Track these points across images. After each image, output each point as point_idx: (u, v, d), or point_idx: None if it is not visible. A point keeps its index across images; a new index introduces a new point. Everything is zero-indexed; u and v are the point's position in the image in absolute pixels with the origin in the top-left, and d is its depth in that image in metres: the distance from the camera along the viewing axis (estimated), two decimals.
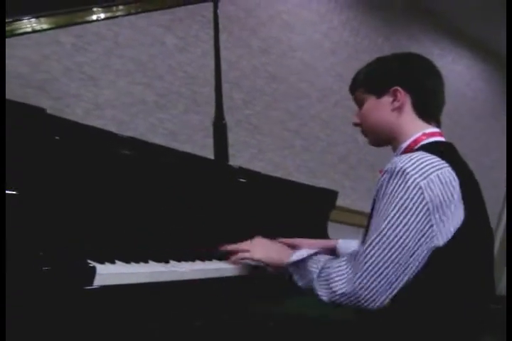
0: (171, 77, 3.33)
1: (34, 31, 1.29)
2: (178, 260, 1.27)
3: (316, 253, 1.27)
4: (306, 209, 2.07)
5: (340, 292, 1.12)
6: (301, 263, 1.25)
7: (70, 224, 1.09)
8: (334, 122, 4.15)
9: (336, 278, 1.14)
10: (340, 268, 1.15)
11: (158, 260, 1.21)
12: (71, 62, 2.93)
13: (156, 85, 3.27)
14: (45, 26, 1.32)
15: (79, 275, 0.98)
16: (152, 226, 1.33)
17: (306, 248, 1.36)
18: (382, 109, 1.34)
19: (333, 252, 1.67)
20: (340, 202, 4.05)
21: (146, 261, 1.18)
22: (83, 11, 1.41)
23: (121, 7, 1.50)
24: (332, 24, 4.07)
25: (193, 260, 1.32)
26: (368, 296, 1.10)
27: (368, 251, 1.12)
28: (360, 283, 1.10)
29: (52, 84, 2.86)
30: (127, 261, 1.13)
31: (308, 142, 4.12)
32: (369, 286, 1.10)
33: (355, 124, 1.44)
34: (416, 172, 1.12)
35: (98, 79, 3.04)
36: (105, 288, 1.02)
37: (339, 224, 3.58)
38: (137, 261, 1.15)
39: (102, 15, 1.44)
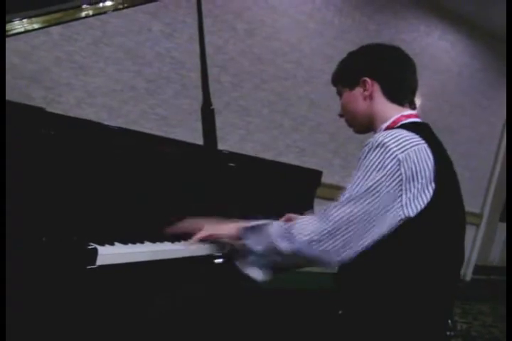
0: (160, 63, 3.40)
1: (26, 31, 1.38)
2: (172, 240, 1.38)
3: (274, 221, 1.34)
4: (292, 189, 2.18)
5: (302, 240, 1.20)
6: (260, 226, 1.32)
7: (72, 211, 1.20)
8: (323, 102, 4.23)
9: (301, 229, 1.22)
10: (307, 220, 1.24)
11: (153, 241, 1.33)
12: (61, 52, 3.00)
13: (145, 72, 3.34)
14: (36, 26, 1.40)
15: (83, 256, 1.10)
16: (147, 210, 1.43)
17: None
18: (355, 99, 1.46)
19: None
20: (329, 179, 4.19)
21: (142, 242, 1.29)
22: (73, 9, 1.49)
23: (108, 3, 1.58)
24: (315, 5, 4.13)
25: (185, 240, 1.43)
26: (328, 249, 1.19)
27: (337, 208, 1.21)
28: (322, 236, 1.19)
29: (44, 74, 2.93)
30: (125, 243, 1.24)
31: (297, 122, 4.21)
32: (330, 240, 1.19)
33: (340, 116, 1.56)
34: (395, 146, 1.22)
35: (88, 67, 3.11)
36: (106, 267, 1.13)
37: (329, 201, 3.69)
38: (134, 242, 1.27)
39: (91, 12, 1.52)
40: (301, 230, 1.22)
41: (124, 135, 1.48)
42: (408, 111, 1.42)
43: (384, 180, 1.21)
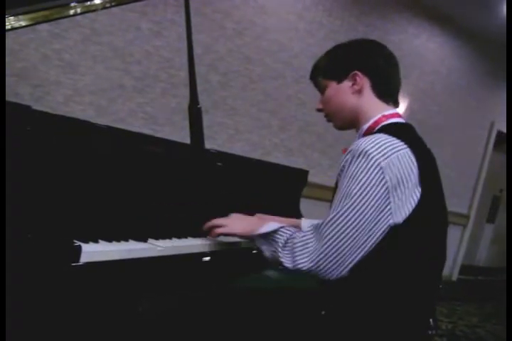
0: (148, 62, 3.40)
1: (13, 28, 1.38)
2: (156, 238, 1.39)
3: (283, 227, 1.36)
4: (279, 188, 2.19)
5: (302, 261, 1.22)
6: (270, 233, 1.34)
7: (56, 208, 1.20)
8: (311, 102, 4.23)
9: (300, 249, 1.23)
10: (306, 239, 1.24)
11: (137, 238, 1.33)
12: (48, 50, 2.99)
13: (133, 70, 3.33)
14: (23, 23, 1.40)
15: (67, 254, 1.10)
16: (132, 208, 1.44)
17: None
18: (343, 93, 1.44)
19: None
20: (317, 179, 4.21)
21: (126, 240, 1.30)
22: (61, 7, 1.49)
23: (97, 1, 1.58)
24: (305, 5, 4.14)
25: (170, 238, 1.44)
26: (327, 267, 1.21)
27: (328, 226, 1.22)
28: (320, 255, 1.21)
29: (32, 71, 2.92)
30: (109, 240, 1.25)
31: (285, 121, 4.22)
32: (328, 258, 1.21)
33: (318, 110, 1.54)
34: (377, 154, 1.21)
35: (76, 65, 3.10)
36: (90, 264, 1.13)
37: (317, 201, 3.72)
38: (118, 240, 1.27)
39: (79, 10, 1.52)
40: (302, 251, 1.24)
41: (111, 133, 1.48)
42: (391, 111, 1.41)
43: (370, 190, 1.20)
